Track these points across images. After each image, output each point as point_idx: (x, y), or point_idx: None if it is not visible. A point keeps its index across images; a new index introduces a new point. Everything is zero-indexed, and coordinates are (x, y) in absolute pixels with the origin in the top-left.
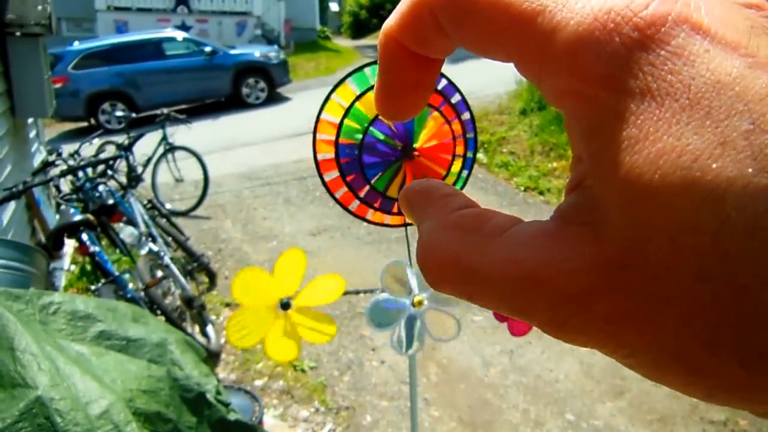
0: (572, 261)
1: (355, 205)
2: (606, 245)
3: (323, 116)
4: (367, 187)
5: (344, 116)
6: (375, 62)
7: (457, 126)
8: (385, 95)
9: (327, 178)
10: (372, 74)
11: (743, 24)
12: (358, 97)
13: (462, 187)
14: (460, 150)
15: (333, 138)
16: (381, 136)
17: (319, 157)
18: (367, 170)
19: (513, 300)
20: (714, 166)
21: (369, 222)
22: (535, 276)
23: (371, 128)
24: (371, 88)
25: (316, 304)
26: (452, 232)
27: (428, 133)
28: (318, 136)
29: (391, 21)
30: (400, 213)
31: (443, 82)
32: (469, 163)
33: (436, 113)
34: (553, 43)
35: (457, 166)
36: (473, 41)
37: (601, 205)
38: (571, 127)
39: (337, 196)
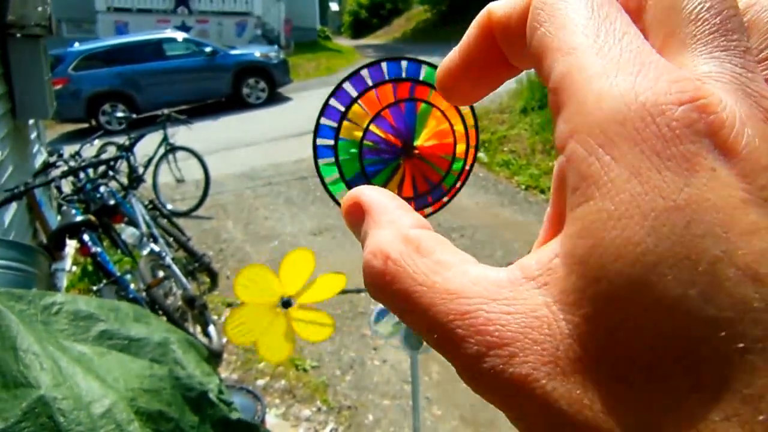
0: (509, 315)
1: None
2: (547, 315)
3: (323, 121)
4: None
5: (342, 118)
6: (371, 64)
7: (459, 127)
8: (452, 68)
9: (327, 179)
10: (368, 76)
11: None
12: (356, 99)
13: (457, 193)
14: (461, 149)
15: (332, 142)
16: (381, 134)
17: (320, 161)
18: (368, 167)
19: (442, 334)
20: (669, 278)
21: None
22: (471, 318)
23: (371, 125)
24: (371, 88)
25: (317, 300)
26: (407, 246)
27: (429, 132)
28: (318, 141)
29: (500, 10)
30: None
31: (425, 69)
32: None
33: (437, 112)
34: (589, 97)
35: (457, 166)
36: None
37: (561, 273)
38: (560, 177)
39: (337, 196)
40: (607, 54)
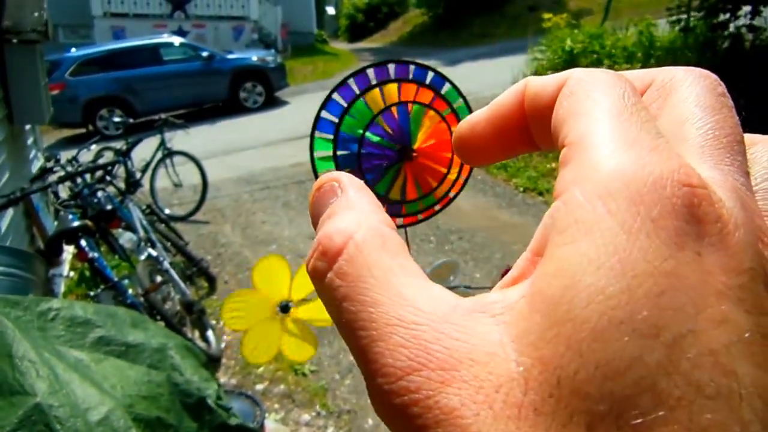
0: (457, 342)
1: None
2: (497, 353)
3: (317, 133)
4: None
5: (339, 124)
6: (375, 64)
7: (453, 119)
8: (478, 125)
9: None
10: (373, 76)
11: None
12: (353, 102)
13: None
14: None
15: (330, 153)
16: (377, 140)
17: (320, 173)
18: (367, 175)
19: (376, 336)
20: (629, 339)
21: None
22: (416, 331)
23: (366, 133)
24: (371, 88)
25: (311, 318)
26: (373, 238)
27: (425, 133)
28: (316, 153)
29: (537, 80)
30: (406, 215)
31: (430, 75)
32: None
33: (431, 111)
34: (596, 163)
35: (457, 162)
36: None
37: (525, 313)
38: (549, 222)
39: None
40: (627, 130)
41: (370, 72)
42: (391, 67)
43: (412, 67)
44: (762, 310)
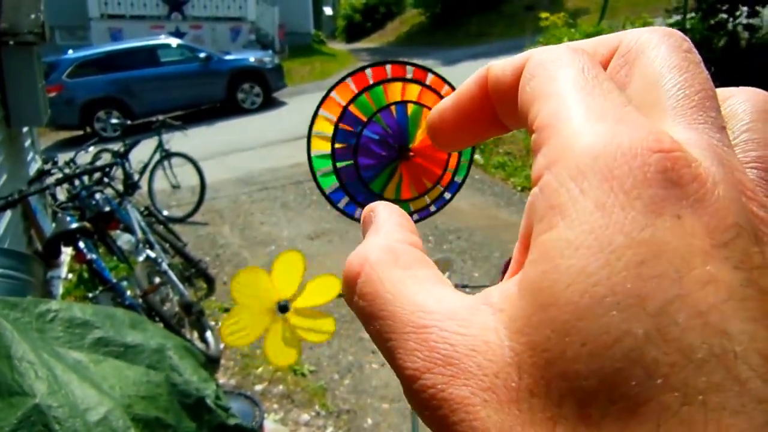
0: (460, 336)
1: (358, 213)
2: (493, 341)
3: (315, 132)
4: (365, 193)
5: (339, 120)
6: (374, 64)
7: None
8: (445, 114)
9: (326, 187)
10: (372, 76)
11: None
12: (352, 100)
13: (456, 192)
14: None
15: (328, 151)
16: (375, 138)
17: (318, 172)
18: (363, 172)
19: (396, 343)
20: (615, 313)
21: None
22: (425, 333)
23: (365, 131)
24: (371, 87)
25: (314, 304)
26: (387, 255)
27: (423, 132)
28: (313, 152)
29: (498, 65)
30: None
31: (430, 76)
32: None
33: (428, 112)
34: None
35: (453, 161)
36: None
37: (514, 299)
38: (531, 209)
39: (340, 204)
40: (592, 103)
41: (369, 71)
42: (389, 67)
43: (409, 68)
44: (752, 264)
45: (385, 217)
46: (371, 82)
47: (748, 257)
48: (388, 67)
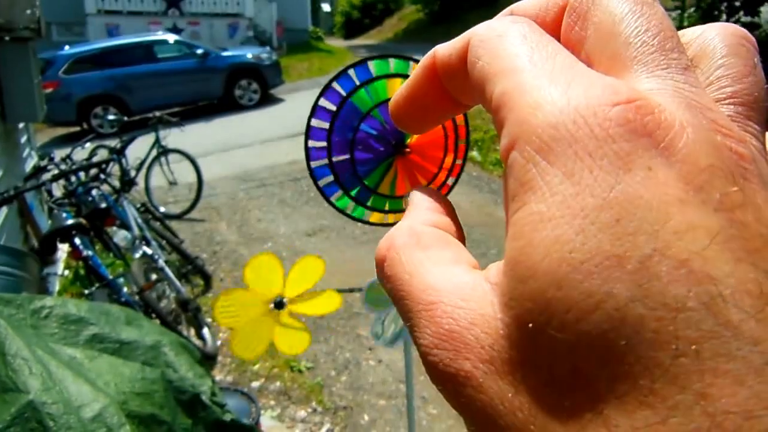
0: (461, 311)
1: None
2: (489, 314)
3: (313, 122)
4: (359, 187)
5: (337, 113)
6: (377, 57)
7: (448, 122)
8: (401, 102)
9: (321, 182)
10: (376, 69)
11: (711, 156)
12: (351, 93)
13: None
14: (452, 144)
15: (325, 144)
16: (372, 133)
17: (313, 164)
18: (359, 167)
19: (411, 321)
20: (594, 276)
21: (367, 223)
22: (432, 310)
23: (362, 125)
24: (371, 81)
25: (305, 288)
26: (410, 238)
27: None
28: (310, 143)
29: (443, 50)
30: (391, 210)
31: None
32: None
33: None
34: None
35: (449, 161)
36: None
37: (502, 275)
38: (506, 182)
39: (333, 199)
40: (540, 71)
41: (371, 64)
42: (392, 61)
43: (412, 63)
44: (732, 204)
45: (417, 201)
46: (373, 75)
47: (727, 197)
48: (391, 60)
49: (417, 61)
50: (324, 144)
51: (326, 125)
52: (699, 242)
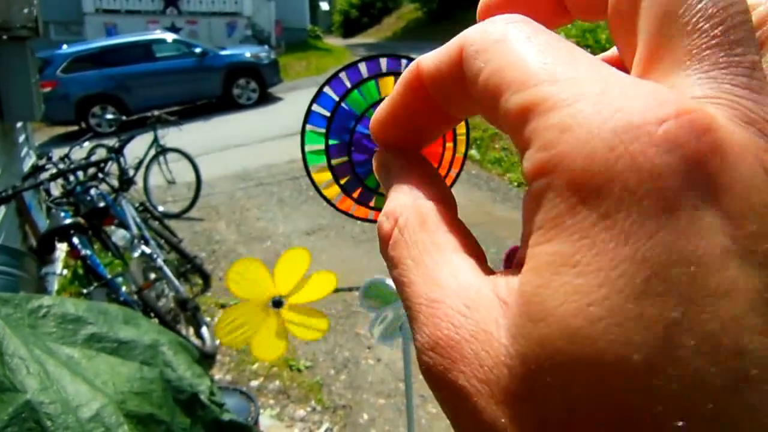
0: (463, 318)
1: (353, 207)
2: (493, 333)
3: (309, 128)
4: (361, 188)
5: (331, 117)
6: (366, 58)
7: None
8: (387, 123)
9: (322, 186)
10: (365, 70)
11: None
12: (344, 95)
13: (452, 185)
14: (450, 143)
15: (322, 146)
16: (369, 133)
17: (311, 168)
18: (358, 168)
19: (410, 312)
20: (612, 336)
21: (372, 221)
22: (434, 308)
23: (358, 126)
24: (363, 81)
25: (308, 300)
26: (414, 217)
27: None
28: (307, 147)
29: (429, 62)
30: None
31: None
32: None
33: None
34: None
35: (446, 159)
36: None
37: (513, 302)
38: (530, 207)
39: (335, 202)
40: (563, 79)
41: (362, 66)
42: (383, 60)
43: (404, 62)
44: None
45: (400, 168)
46: (365, 76)
47: None
48: (383, 60)
49: (411, 60)
50: (322, 148)
51: (322, 130)
52: (736, 309)
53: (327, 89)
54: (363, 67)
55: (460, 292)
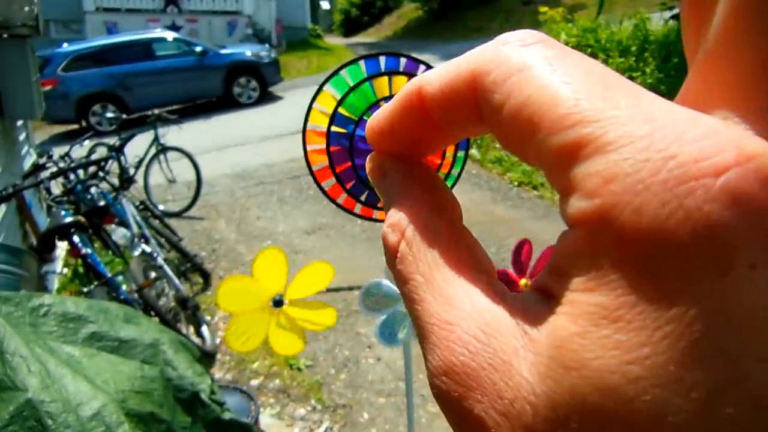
0: (479, 344)
1: (358, 208)
2: (514, 365)
3: (309, 126)
4: (367, 192)
5: (331, 122)
6: (366, 56)
7: None
8: (383, 134)
9: (325, 187)
10: (366, 69)
11: None
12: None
13: (453, 184)
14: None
15: (323, 147)
16: (362, 134)
17: (314, 168)
18: (361, 172)
19: (421, 331)
20: (649, 398)
21: (377, 221)
22: (447, 330)
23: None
24: (358, 85)
25: (308, 294)
26: (422, 231)
27: None
28: (308, 147)
29: (431, 86)
30: None
31: (422, 68)
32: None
33: None
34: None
35: (447, 160)
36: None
37: (540, 338)
38: (571, 247)
39: (340, 201)
40: (604, 118)
41: (362, 63)
42: (383, 59)
43: (403, 60)
44: None
45: (403, 175)
46: (365, 74)
47: None
48: (382, 58)
49: (408, 57)
50: (323, 147)
51: (323, 129)
52: None
53: (327, 87)
54: (363, 65)
55: (475, 314)
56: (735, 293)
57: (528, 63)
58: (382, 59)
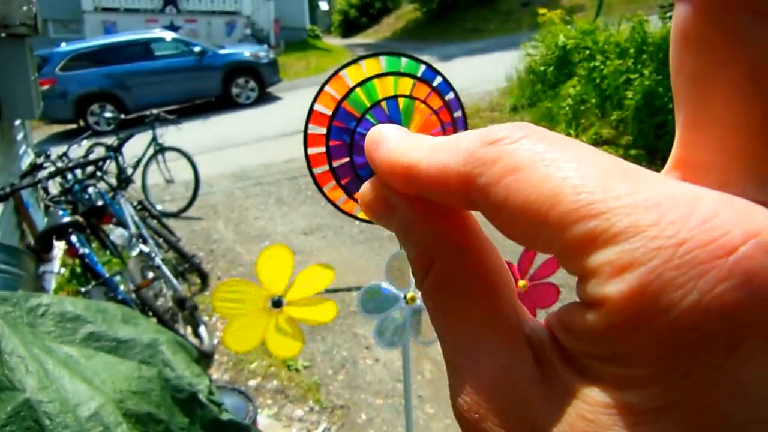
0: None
1: (356, 210)
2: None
3: (311, 129)
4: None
5: (331, 120)
6: (369, 56)
7: (446, 117)
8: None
9: (325, 188)
10: (366, 68)
11: None
12: (345, 96)
13: None
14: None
15: (324, 151)
16: (365, 133)
17: (315, 171)
18: (360, 170)
19: (451, 370)
20: None
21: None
22: (475, 395)
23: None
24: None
25: (306, 295)
26: (442, 280)
27: (416, 126)
28: (309, 150)
29: (421, 169)
30: None
31: (422, 68)
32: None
33: (421, 105)
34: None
35: None
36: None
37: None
38: (589, 328)
39: (339, 203)
40: (612, 209)
41: (362, 64)
42: (383, 59)
43: (403, 60)
44: None
45: (415, 208)
46: (366, 75)
47: None
48: (383, 58)
49: (410, 57)
50: (323, 150)
51: (323, 131)
52: None
53: (328, 88)
54: (363, 66)
55: (497, 390)
56: (745, 365)
57: (519, 163)
58: (382, 59)
